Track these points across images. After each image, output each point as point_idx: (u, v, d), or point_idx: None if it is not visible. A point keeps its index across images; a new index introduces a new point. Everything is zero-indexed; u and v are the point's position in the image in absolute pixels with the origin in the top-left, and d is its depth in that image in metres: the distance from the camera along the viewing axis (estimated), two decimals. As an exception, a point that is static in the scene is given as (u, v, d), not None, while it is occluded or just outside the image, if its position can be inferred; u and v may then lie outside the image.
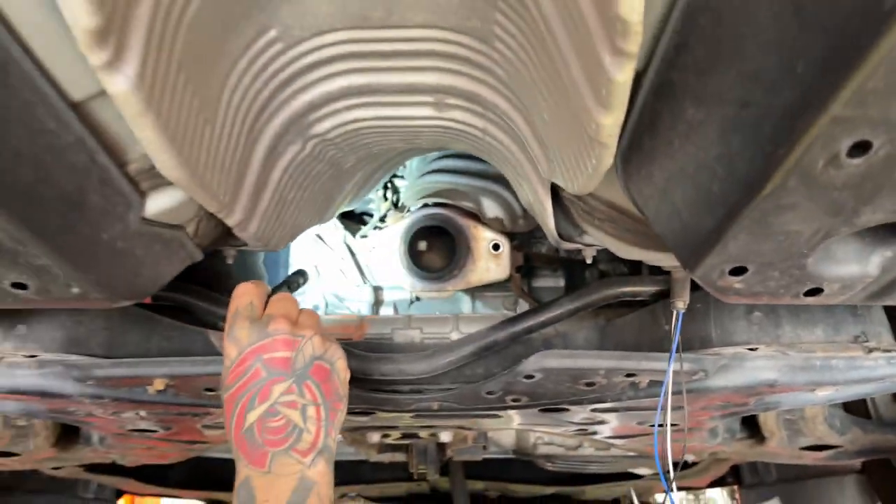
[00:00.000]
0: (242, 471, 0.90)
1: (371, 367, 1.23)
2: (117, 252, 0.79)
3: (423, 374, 1.24)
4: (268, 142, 0.97)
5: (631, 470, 2.22)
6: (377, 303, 1.90)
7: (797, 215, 0.60)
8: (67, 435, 1.63)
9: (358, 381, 1.23)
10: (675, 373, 1.07)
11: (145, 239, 0.83)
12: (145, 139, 0.68)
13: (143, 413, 1.25)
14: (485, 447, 1.82)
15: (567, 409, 1.31)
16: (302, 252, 1.78)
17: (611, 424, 1.43)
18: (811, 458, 1.69)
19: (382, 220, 1.87)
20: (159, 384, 1.07)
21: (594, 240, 1.09)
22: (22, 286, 0.74)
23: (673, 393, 1.10)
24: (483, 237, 1.66)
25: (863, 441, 1.58)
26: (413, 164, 2.00)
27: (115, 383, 1.09)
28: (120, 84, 0.61)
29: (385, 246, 1.69)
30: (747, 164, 0.57)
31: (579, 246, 1.13)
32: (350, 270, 1.88)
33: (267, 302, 1.03)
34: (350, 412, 1.33)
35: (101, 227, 0.74)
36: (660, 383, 1.13)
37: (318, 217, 1.28)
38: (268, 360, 0.93)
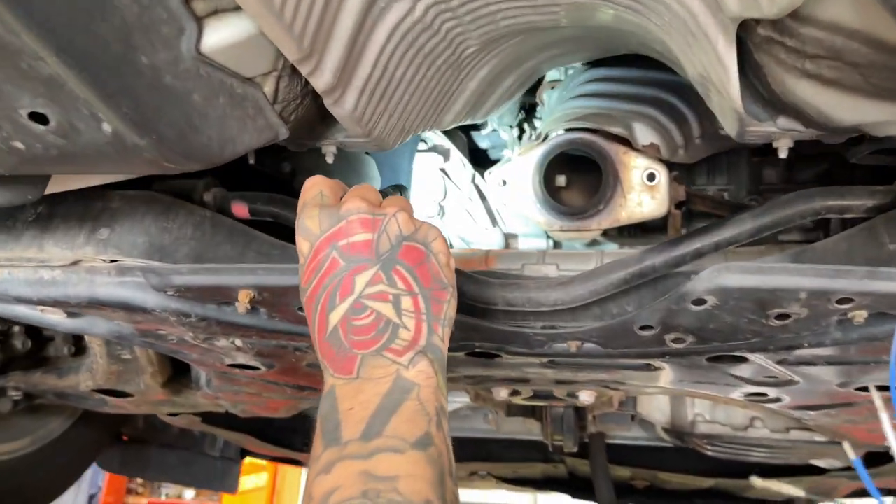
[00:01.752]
0: (328, 381, 0.72)
1: (494, 294, 1.01)
2: (166, 90, 0.62)
3: (559, 306, 1.00)
4: (366, -13, 0.78)
5: (812, 461, 1.86)
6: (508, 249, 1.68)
7: None
8: (178, 378, 1.55)
9: (479, 311, 1.02)
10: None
11: (206, 85, 0.66)
12: None
13: (237, 342, 1.11)
14: (633, 417, 1.55)
15: (744, 360, 1.02)
16: (425, 189, 1.59)
17: (800, 388, 1.12)
18: None
19: (515, 158, 1.65)
20: (244, 296, 0.91)
21: (793, 116, 0.80)
22: (41, 119, 0.58)
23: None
24: (635, 164, 1.39)
25: None
26: (553, 99, 1.76)
27: (197, 294, 0.95)
28: None
29: (518, 177, 1.46)
30: None
31: (770, 130, 0.85)
32: (478, 212, 1.68)
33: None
34: (471, 353, 1.12)
35: (138, 46, 0.57)
36: (888, 318, 0.83)
37: (433, 117, 1.08)
38: (344, 246, 0.74)
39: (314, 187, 0.83)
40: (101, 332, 1.12)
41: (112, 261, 0.97)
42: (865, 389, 1.07)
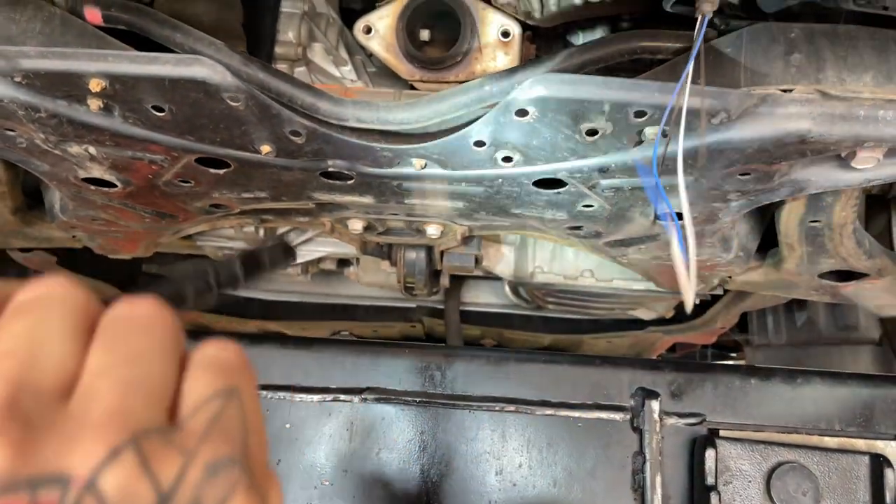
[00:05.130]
0: None
1: (345, 111, 1.09)
2: None
3: (405, 125, 1.10)
4: None
5: (632, 313, 2.11)
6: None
7: None
8: (31, 210, 1.54)
9: (331, 126, 1.10)
10: (691, 111, 0.91)
11: None
12: None
13: (91, 150, 1.12)
14: (478, 259, 1.70)
15: (563, 184, 1.16)
16: (291, 34, 1.61)
17: (611, 219, 1.28)
18: (830, 292, 1.56)
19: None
20: (95, 85, 0.93)
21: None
22: None
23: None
24: (492, 20, 1.48)
25: (891, 271, 1.44)
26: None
27: (47, 83, 0.96)
28: None
29: (382, 25, 1.51)
30: None
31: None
32: (345, 68, 1.72)
33: None
34: (327, 174, 1.20)
35: None
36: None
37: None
38: None
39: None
40: (-56, 132, 1.10)
41: (-46, 44, 0.96)
42: (658, 218, 1.25)
